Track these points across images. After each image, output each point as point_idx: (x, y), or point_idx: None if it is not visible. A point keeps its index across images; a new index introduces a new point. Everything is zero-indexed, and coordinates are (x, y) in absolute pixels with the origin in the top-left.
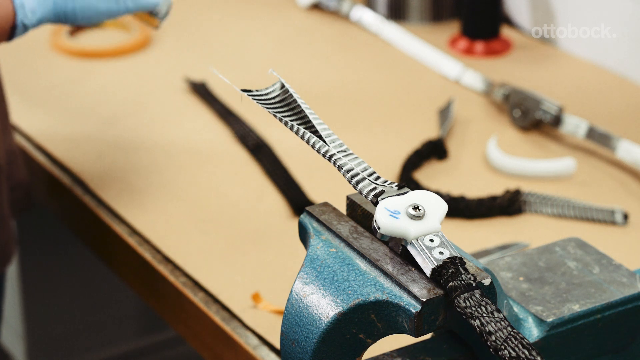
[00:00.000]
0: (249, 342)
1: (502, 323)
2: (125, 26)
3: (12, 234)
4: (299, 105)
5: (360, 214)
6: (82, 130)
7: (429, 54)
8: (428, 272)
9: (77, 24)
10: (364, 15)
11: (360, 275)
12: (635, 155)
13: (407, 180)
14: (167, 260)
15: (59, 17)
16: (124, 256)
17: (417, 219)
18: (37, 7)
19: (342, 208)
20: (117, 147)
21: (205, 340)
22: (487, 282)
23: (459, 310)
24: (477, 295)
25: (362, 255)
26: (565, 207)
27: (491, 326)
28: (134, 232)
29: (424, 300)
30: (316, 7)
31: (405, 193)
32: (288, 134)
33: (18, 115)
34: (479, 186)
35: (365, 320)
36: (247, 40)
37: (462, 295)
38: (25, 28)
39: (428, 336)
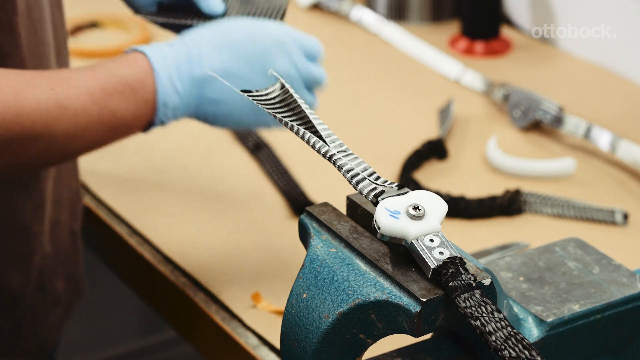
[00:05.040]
0: (249, 342)
1: (502, 323)
2: (125, 26)
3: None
4: (299, 105)
5: (360, 214)
6: None
7: (429, 54)
8: (428, 272)
9: (214, 126)
10: (364, 15)
11: (360, 275)
12: (635, 155)
13: (407, 180)
14: (167, 260)
15: (197, 118)
16: (124, 256)
17: (417, 219)
18: (179, 107)
19: (342, 208)
20: (117, 147)
21: (205, 340)
22: (487, 282)
23: (459, 310)
24: (477, 296)
25: (362, 255)
26: (565, 207)
27: (491, 326)
28: (134, 232)
29: (424, 300)
30: (316, 7)
31: (405, 193)
32: (288, 134)
33: None
34: (479, 186)
35: (366, 320)
36: None
37: (462, 296)
38: (162, 123)
39: (428, 336)
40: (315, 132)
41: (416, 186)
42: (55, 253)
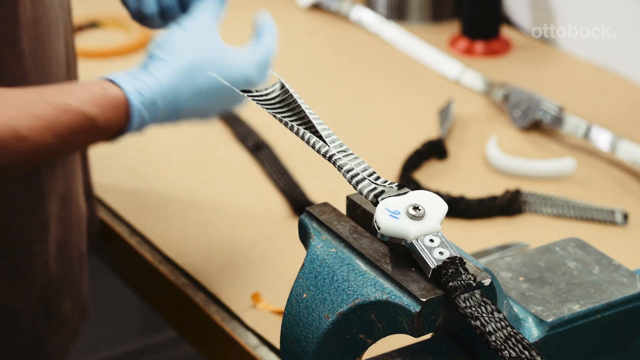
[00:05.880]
0: (249, 342)
1: (502, 323)
2: (125, 26)
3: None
4: (299, 105)
5: (360, 214)
6: None
7: (429, 54)
8: (428, 272)
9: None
10: (364, 15)
11: (360, 276)
12: (635, 155)
13: (407, 180)
14: (167, 260)
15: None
16: (124, 256)
17: (417, 219)
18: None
19: (342, 208)
20: (116, 147)
21: (205, 340)
22: (487, 282)
23: (459, 310)
24: (477, 296)
25: (362, 256)
26: (565, 207)
27: (491, 326)
28: (134, 232)
29: (424, 300)
30: (316, 7)
31: (405, 193)
32: (288, 134)
33: None
34: (479, 186)
35: (365, 320)
36: (247, 40)
37: (462, 296)
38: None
39: (428, 336)
40: (315, 132)
41: (416, 186)
42: (62, 274)
